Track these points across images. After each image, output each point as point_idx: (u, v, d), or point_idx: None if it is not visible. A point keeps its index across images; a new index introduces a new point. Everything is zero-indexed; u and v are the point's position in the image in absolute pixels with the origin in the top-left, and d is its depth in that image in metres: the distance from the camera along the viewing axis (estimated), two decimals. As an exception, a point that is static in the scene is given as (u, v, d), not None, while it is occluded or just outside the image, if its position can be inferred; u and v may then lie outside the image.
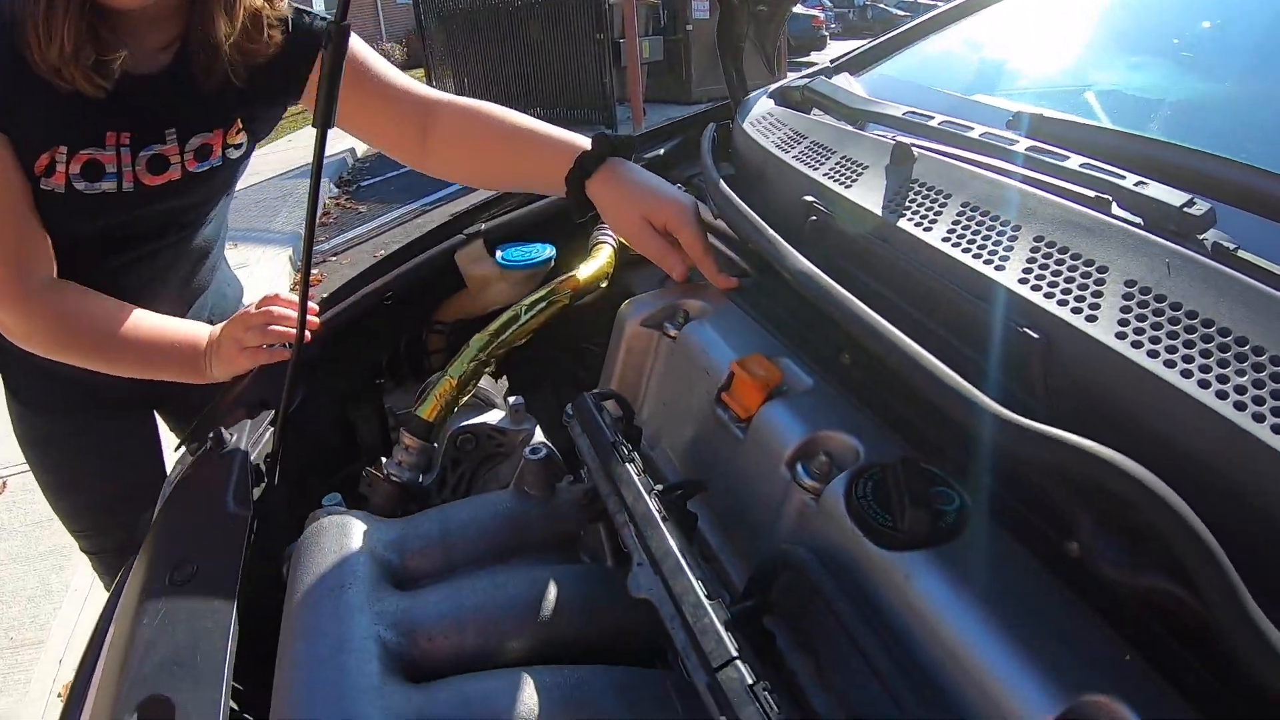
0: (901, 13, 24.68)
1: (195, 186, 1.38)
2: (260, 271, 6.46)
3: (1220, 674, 0.56)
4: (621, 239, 1.41)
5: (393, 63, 1.44)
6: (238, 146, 1.40)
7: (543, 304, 1.24)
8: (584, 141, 1.25)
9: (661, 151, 1.67)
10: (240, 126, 1.38)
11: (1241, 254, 0.68)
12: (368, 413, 1.49)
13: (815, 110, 1.33)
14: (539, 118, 1.35)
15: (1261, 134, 1.02)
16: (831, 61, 1.61)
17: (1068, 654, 0.57)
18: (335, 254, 7.30)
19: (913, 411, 0.84)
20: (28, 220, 1.25)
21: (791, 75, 1.54)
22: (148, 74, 1.26)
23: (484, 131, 1.37)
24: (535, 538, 0.93)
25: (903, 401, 0.85)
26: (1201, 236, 0.72)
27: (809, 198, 1.04)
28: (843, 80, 1.45)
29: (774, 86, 1.50)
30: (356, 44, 1.30)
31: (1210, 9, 1.37)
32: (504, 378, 1.52)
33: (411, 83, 1.43)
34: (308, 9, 1.37)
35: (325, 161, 0.95)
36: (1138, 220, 0.76)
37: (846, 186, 1.01)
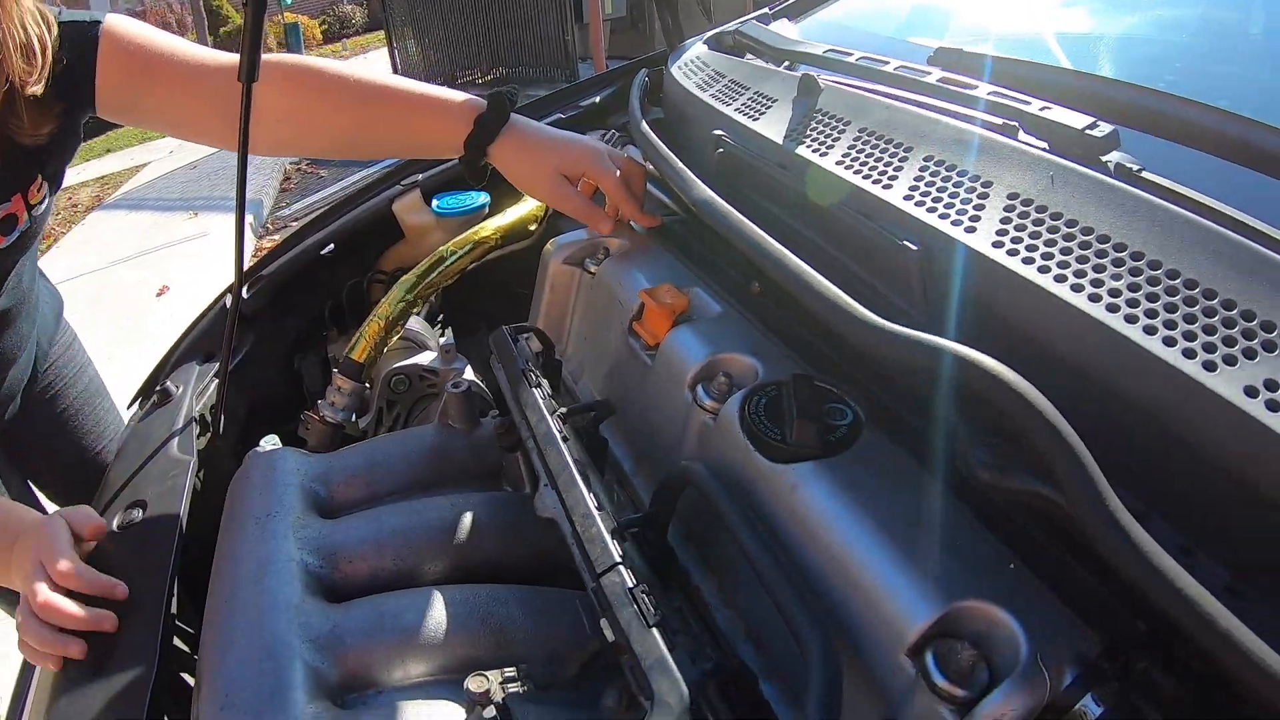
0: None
1: (7, 257, 1.22)
2: (220, 238, 6.43)
3: (1099, 575, 0.58)
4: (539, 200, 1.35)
5: (352, 25, 1.33)
6: (40, 203, 1.21)
7: (468, 246, 1.26)
8: (461, 98, 1.14)
9: (597, 99, 1.68)
10: (40, 181, 1.19)
11: (1145, 174, 0.71)
12: (312, 360, 1.51)
13: (748, 54, 1.35)
14: (502, 78, 1.28)
15: (1169, 64, 1.05)
16: (770, 8, 1.62)
17: (947, 561, 0.60)
18: (296, 219, 7.17)
19: (815, 333, 0.86)
20: None
21: (730, 22, 1.55)
22: None
23: (328, 98, 1.17)
24: (457, 469, 0.96)
25: (807, 325, 0.88)
26: (1105, 158, 0.74)
27: (719, 131, 1.06)
28: (780, 25, 1.46)
29: (710, 33, 1.51)
30: (140, 31, 1.15)
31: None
32: (449, 329, 1.55)
33: (216, 56, 1.18)
34: (74, 16, 1.15)
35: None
36: (1043, 145, 0.78)
37: (754, 119, 1.03)
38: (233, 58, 1.14)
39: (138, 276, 5.85)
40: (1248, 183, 0.72)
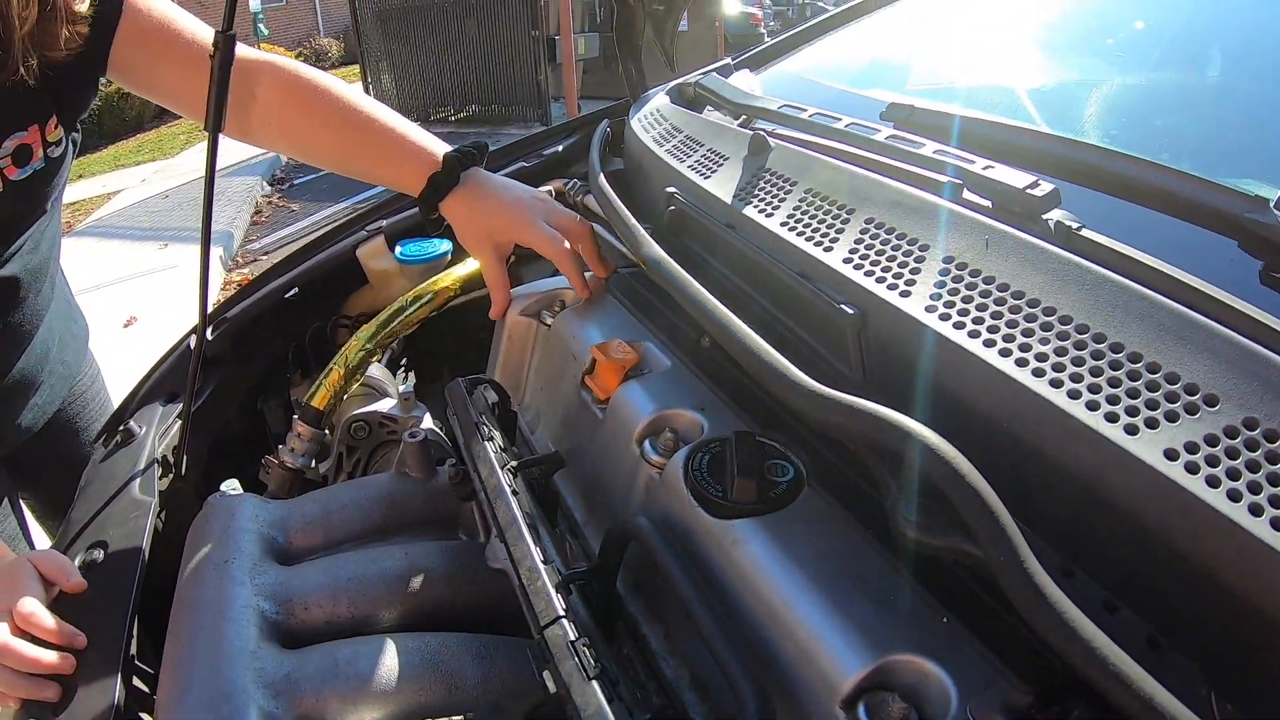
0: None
1: (18, 198, 1.20)
2: (190, 270, 6.42)
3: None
4: None
5: (329, 58, 1.37)
6: (57, 143, 1.22)
7: (428, 296, 1.28)
8: (433, 145, 1.20)
9: (560, 149, 1.72)
10: (56, 121, 1.20)
11: (1084, 232, 0.74)
12: (275, 404, 1.52)
13: (707, 107, 1.39)
14: (474, 116, 1.31)
15: (1115, 118, 1.09)
16: (732, 59, 1.67)
17: (881, 615, 0.62)
18: (266, 253, 7.22)
19: (761, 390, 0.89)
20: None
21: (692, 73, 1.59)
22: None
23: (317, 109, 1.22)
24: (413, 517, 0.98)
25: (752, 380, 0.90)
26: (1045, 216, 0.77)
27: (671, 189, 1.09)
28: (741, 77, 1.51)
29: (671, 84, 1.55)
30: (163, 4, 1.20)
31: (1100, 13, 1.45)
32: (411, 374, 1.56)
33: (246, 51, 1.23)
34: None
35: (257, 159, 0.99)
36: (986, 204, 0.82)
37: (705, 177, 1.07)
38: (250, 51, 1.23)
39: (105, 306, 5.82)
40: (1183, 236, 0.76)
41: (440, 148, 1.19)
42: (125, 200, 9.21)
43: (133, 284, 6.34)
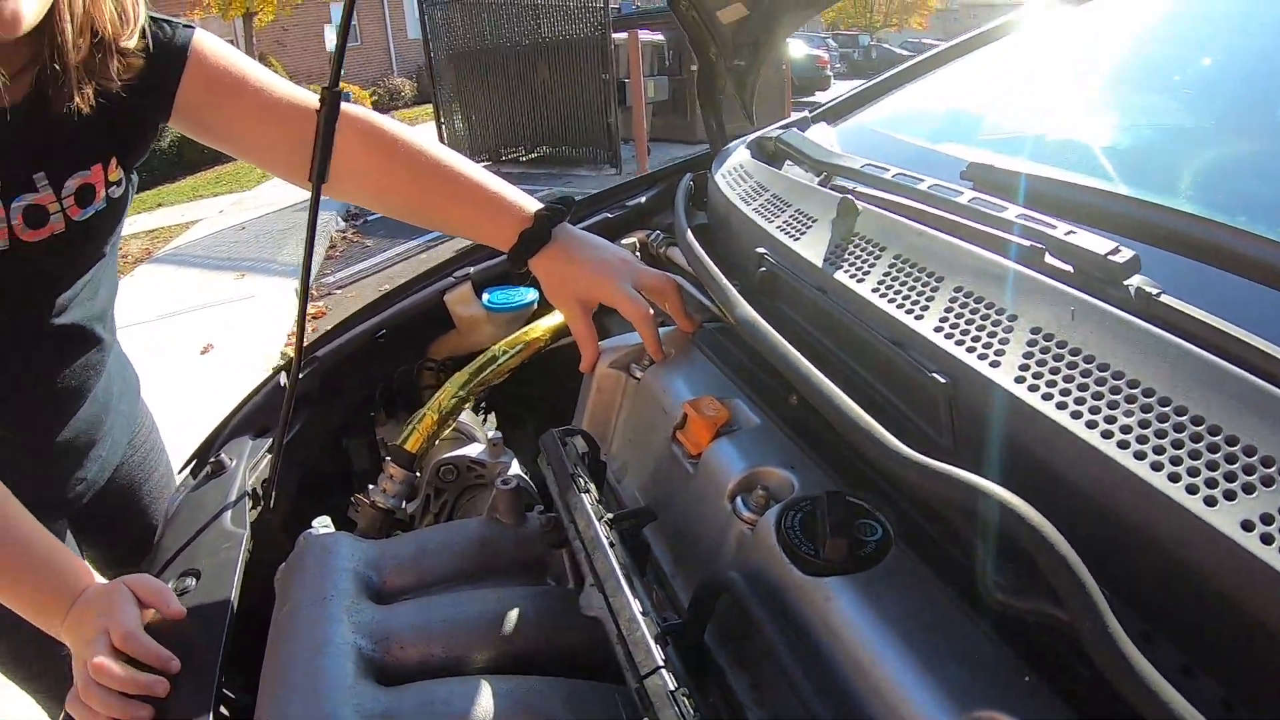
0: (906, 53, 24.90)
1: (81, 238, 1.19)
2: (265, 300, 6.58)
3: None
4: None
5: (402, 99, 1.38)
6: (118, 183, 1.21)
7: (519, 346, 1.32)
8: (522, 200, 1.22)
9: (643, 200, 1.75)
10: (117, 161, 1.20)
11: (1163, 299, 0.74)
12: (360, 443, 1.57)
13: (787, 162, 1.42)
14: (544, 157, 1.34)
15: (1195, 177, 1.10)
16: (809, 112, 1.70)
17: (965, 672, 0.64)
18: (340, 287, 7.37)
19: (849, 450, 0.91)
20: None
21: (771, 126, 1.62)
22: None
23: (402, 163, 1.24)
24: (504, 561, 1.01)
25: (841, 440, 0.92)
26: (1126, 282, 0.78)
27: (761, 249, 1.12)
28: (818, 131, 1.54)
29: (752, 136, 1.58)
30: (229, 53, 1.22)
31: (1175, 63, 1.45)
32: (492, 414, 1.60)
33: (294, 91, 1.25)
34: (164, 17, 1.20)
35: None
36: (1068, 269, 0.83)
37: (795, 239, 1.09)
38: (311, 97, 1.22)
39: (183, 332, 5.99)
40: (1264, 301, 0.76)
41: (528, 203, 1.22)
42: (203, 230, 9.49)
43: (210, 312, 6.53)
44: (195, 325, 6.18)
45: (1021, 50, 1.65)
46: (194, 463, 1.46)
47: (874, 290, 0.93)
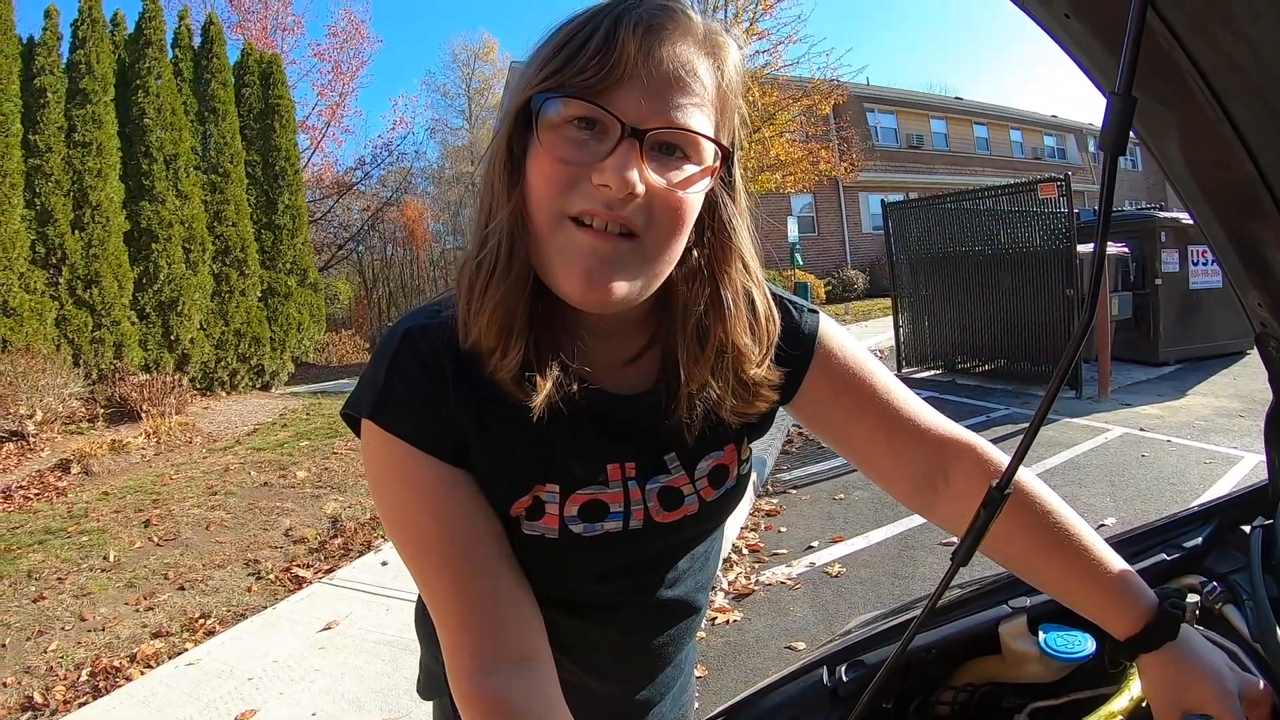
0: None
1: (708, 519, 1.19)
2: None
3: None
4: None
5: (855, 290, 1.34)
6: (746, 460, 1.21)
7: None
8: (1135, 591, 1.17)
9: (1199, 540, 1.66)
10: (747, 440, 1.21)
11: None
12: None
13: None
14: (1000, 370, 1.28)
15: None
16: None
17: None
18: (795, 487, 7.31)
19: None
20: (502, 574, 1.03)
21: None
22: (630, 394, 1.09)
23: (1037, 533, 1.20)
24: None
25: None
26: None
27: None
28: None
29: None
30: (852, 347, 1.21)
31: None
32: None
33: (934, 418, 1.23)
34: (788, 296, 1.20)
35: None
36: None
37: None
38: (942, 421, 1.23)
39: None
40: None
41: (1144, 589, 1.18)
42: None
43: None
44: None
45: None
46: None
47: None
